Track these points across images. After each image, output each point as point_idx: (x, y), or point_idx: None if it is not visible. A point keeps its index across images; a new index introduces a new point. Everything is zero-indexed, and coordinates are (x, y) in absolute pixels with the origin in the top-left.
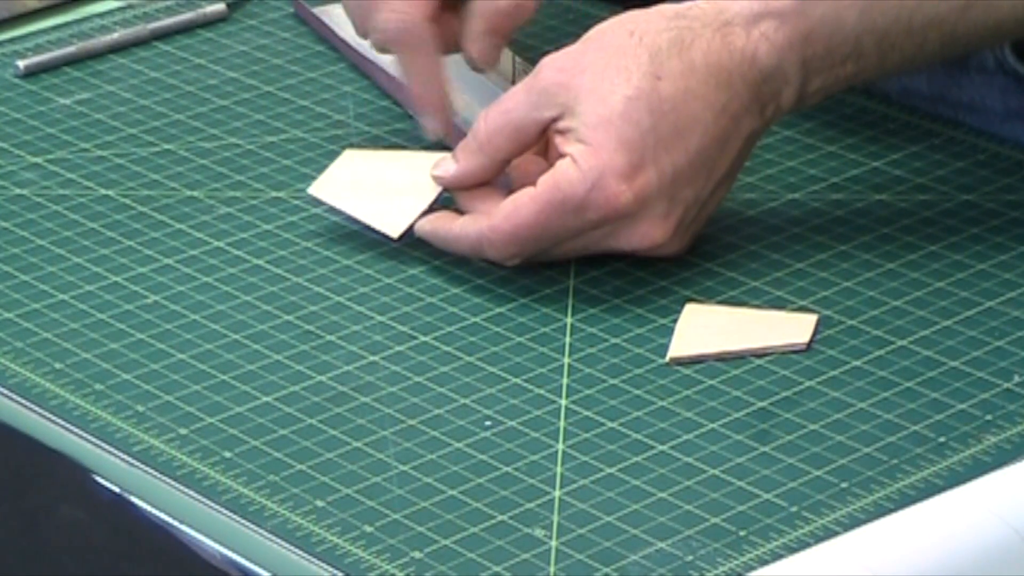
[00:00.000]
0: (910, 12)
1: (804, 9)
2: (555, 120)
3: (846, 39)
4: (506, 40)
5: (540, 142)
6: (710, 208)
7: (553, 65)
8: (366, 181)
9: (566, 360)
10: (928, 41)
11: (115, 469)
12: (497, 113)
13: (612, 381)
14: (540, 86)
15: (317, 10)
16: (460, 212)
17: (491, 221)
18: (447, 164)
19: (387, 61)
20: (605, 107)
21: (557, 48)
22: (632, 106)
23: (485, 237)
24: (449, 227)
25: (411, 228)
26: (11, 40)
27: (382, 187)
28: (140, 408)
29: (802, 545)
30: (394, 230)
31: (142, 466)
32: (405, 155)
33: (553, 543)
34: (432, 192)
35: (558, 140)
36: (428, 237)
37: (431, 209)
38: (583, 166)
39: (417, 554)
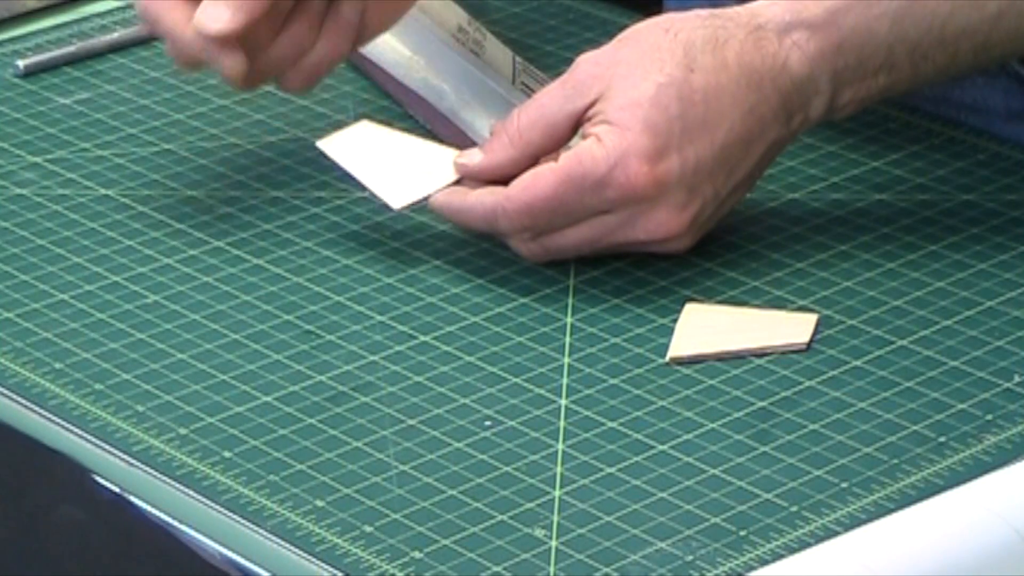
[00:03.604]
0: (942, 22)
1: (835, 20)
2: (587, 109)
3: (878, 50)
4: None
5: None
6: (724, 210)
7: (589, 60)
8: (380, 151)
9: (566, 360)
10: (961, 51)
11: (115, 469)
12: (531, 108)
13: (612, 381)
14: (574, 80)
15: None
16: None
17: (509, 190)
18: (473, 154)
19: (388, 61)
20: (636, 91)
21: (557, 48)
22: (663, 92)
23: (500, 206)
24: (463, 198)
25: (413, 204)
26: (11, 40)
27: (395, 161)
28: (140, 408)
29: (802, 545)
30: (396, 201)
31: (142, 466)
32: (423, 140)
33: (553, 543)
34: (446, 178)
35: (586, 126)
36: (441, 208)
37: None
38: (607, 144)
39: (417, 554)
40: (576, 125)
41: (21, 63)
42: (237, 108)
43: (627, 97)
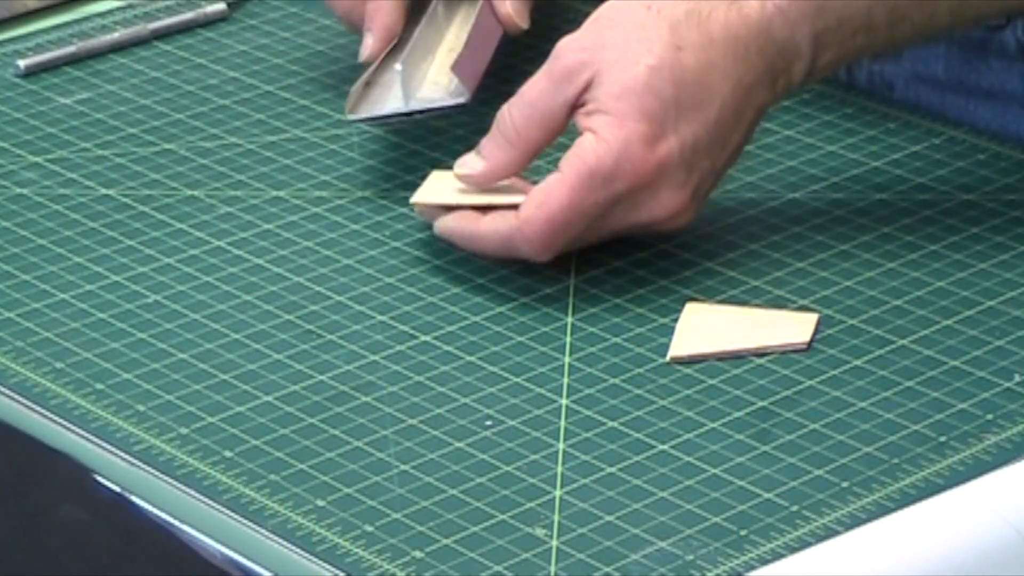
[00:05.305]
0: None
1: None
2: (580, 95)
3: (857, 10)
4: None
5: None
6: (720, 179)
7: (572, 46)
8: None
9: (567, 359)
10: (938, 11)
11: (116, 469)
12: (522, 105)
13: (613, 380)
14: (561, 68)
15: None
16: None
17: (523, 213)
18: (473, 162)
19: None
20: (628, 77)
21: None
22: (655, 76)
23: (518, 231)
24: (475, 225)
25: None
26: (11, 40)
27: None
28: (141, 407)
29: (803, 544)
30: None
31: (143, 466)
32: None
33: (554, 542)
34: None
35: (579, 116)
36: (451, 234)
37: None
38: (607, 137)
39: (418, 553)
40: (571, 112)
41: (21, 63)
42: (237, 108)
43: (619, 84)
